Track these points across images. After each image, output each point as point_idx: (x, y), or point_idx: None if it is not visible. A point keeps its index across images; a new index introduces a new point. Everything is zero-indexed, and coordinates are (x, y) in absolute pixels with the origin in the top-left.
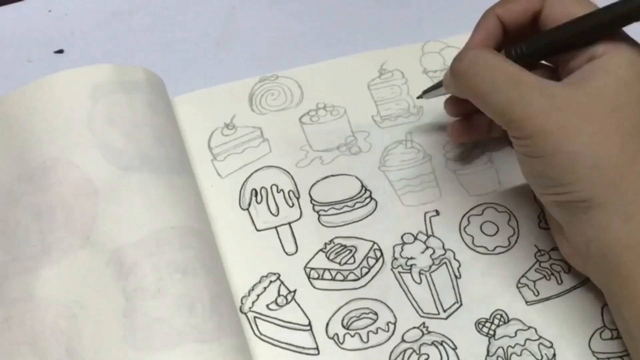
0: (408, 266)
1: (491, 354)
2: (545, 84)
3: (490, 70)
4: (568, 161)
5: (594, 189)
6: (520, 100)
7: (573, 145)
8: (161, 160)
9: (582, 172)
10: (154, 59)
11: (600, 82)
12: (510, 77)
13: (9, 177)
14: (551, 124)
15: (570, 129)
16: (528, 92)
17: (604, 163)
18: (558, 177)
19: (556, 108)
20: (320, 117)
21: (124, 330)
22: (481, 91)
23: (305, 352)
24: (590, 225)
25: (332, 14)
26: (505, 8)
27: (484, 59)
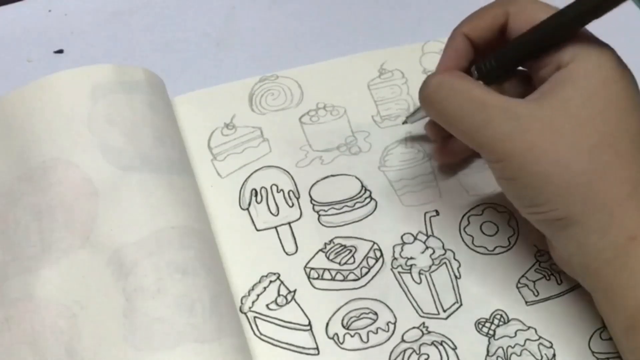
0: (408, 266)
1: (491, 354)
2: (511, 105)
3: (455, 95)
4: (538, 182)
5: (567, 207)
6: (486, 126)
7: (541, 166)
8: (161, 160)
9: (553, 192)
10: (154, 59)
11: (566, 94)
12: (476, 101)
13: (9, 177)
14: (518, 147)
15: (537, 150)
16: (493, 116)
17: (575, 180)
18: (532, 198)
19: (522, 129)
20: (320, 117)
21: (124, 330)
22: (448, 117)
23: (305, 352)
24: (569, 241)
25: (332, 14)
26: (471, 25)
27: (449, 85)
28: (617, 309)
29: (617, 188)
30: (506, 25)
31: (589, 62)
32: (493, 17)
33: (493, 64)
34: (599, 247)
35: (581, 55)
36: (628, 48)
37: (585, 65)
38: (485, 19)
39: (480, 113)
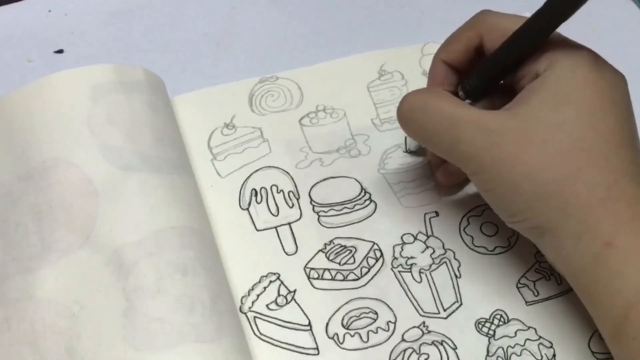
0: (408, 265)
1: (491, 354)
2: (482, 119)
3: (428, 114)
4: (511, 192)
5: (539, 216)
6: (459, 142)
7: (512, 177)
8: (161, 160)
9: (525, 201)
10: (154, 59)
11: (537, 102)
12: (447, 118)
13: (9, 177)
14: (490, 160)
15: (507, 163)
16: (465, 132)
17: (544, 190)
18: (507, 208)
19: (492, 143)
20: (319, 120)
21: (124, 330)
22: (423, 136)
23: (305, 352)
24: (547, 249)
25: (332, 14)
26: (447, 51)
27: (422, 103)
28: (600, 315)
29: (590, 194)
30: (481, 45)
31: (562, 68)
32: (467, 40)
33: (476, 82)
34: (575, 254)
35: (555, 62)
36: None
37: (559, 71)
38: (459, 43)
39: (452, 130)
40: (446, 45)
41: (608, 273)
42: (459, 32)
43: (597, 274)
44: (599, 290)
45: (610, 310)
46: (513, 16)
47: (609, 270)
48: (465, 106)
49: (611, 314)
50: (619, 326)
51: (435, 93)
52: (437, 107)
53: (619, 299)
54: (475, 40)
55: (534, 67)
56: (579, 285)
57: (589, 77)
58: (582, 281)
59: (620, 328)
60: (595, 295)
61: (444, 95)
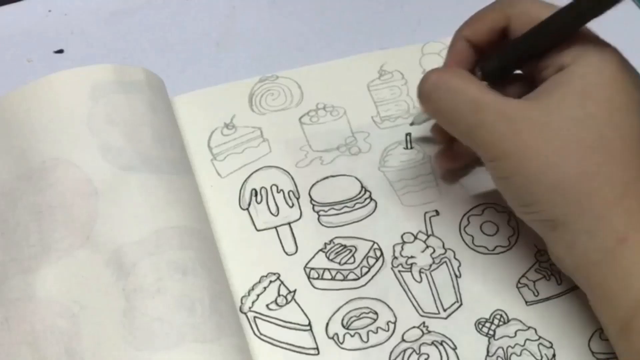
0: (408, 265)
1: (491, 354)
2: (505, 106)
3: (451, 95)
4: (529, 182)
5: (555, 209)
6: (480, 126)
7: (532, 166)
8: (161, 160)
9: (543, 192)
10: (154, 59)
11: (562, 95)
12: (470, 102)
13: (9, 177)
14: (511, 148)
15: (528, 151)
16: (488, 117)
17: (562, 183)
18: (523, 198)
19: (514, 131)
20: (320, 118)
21: (123, 330)
22: (444, 116)
23: (305, 352)
24: (558, 243)
25: (332, 14)
26: (472, 29)
27: (445, 84)
28: (609, 310)
29: (607, 190)
30: (507, 28)
31: (589, 64)
32: (492, 21)
33: (496, 64)
34: (588, 248)
35: (582, 56)
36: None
37: (585, 66)
38: (485, 23)
39: (474, 113)
40: (471, 22)
41: (620, 269)
42: (486, 12)
43: (609, 269)
44: (609, 286)
45: (620, 305)
46: (543, 3)
47: (622, 266)
48: (489, 91)
49: (621, 310)
50: (628, 322)
51: (459, 74)
52: (461, 89)
53: (629, 295)
54: (502, 22)
55: (559, 59)
56: (588, 281)
57: (615, 75)
58: (592, 276)
59: (629, 324)
60: (606, 291)
61: (468, 78)
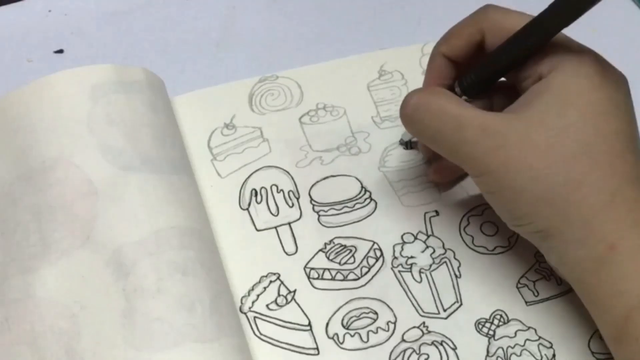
0: (408, 265)
1: (491, 354)
2: (487, 121)
3: (433, 115)
4: (516, 196)
5: (543, 220)
6: (463, 144)
7: (516, 180)
8: (161, 160)
9: (529, 205)
10: (154, 59)
11: (542, 106)
12: (452, 121)
13: (9, 177)
14: (495, 163)
15: (512, 165)
16: (470, 134)
17: (548, 194)
18: (511, 211)
19: (497, 146)
20: (320, 118)
21: (124, 330)
22: (428, 136)
23: (305, 352)
24: (551, 253)
25: (332, 14)
26: (448, 45)
27: (426, 105)
28: (603, 317)
29: (594, 198)
30: (483, 41)
31: (566, 71)
32: (468, 36)
33: (474, 79)
34: (579, 257)
35: (559, 64)
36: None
37: (562, 74)
38: (461, 38)
39: (457, 132)
40: (447, 38)
41: (611, 276)
42: (461, 27)
43: (600, 277)
44: (601, 293)
45: (612, 312)
46: (517, 14)
47: (612, 274)
48: (470, 107)
49: (614, 316)
50: (622, 328)
51: (439, 93)
52: (441, 108)
53: (621, 301)
54: (477, 36)
55: (537, 69)
56: (581, 288)
57: (593, 80)
58: (585, 284)
59: (623, 330)
60: (598, 298)
61: (448, 96)
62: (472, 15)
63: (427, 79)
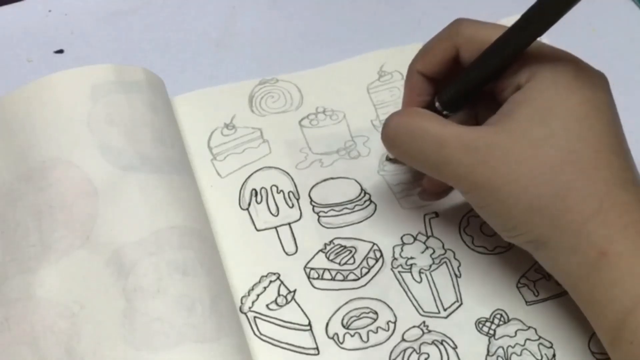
0: (408, 265)
1: (491, 354)
2: (469, 137)
3: (414, 136)
4: (504, 209)
5: (533, 231)
6: (448, 163)
7: (504, 193)
8: (161, 160)
9: (519, 217)
10: (154, 59)
11: (522, 116)
12: (433, 141)
13: (9, 177)
14: (480, 178)
15: (497, 179)
16: (452, 153)
17: (536, 205)
18: (501, 224)
19: (480, 162)
20: (319, 121)
21: (123, 330)
22: (411, 158)
23: (305, 352)
24: (545, 261)
25: (332, 15)
26: (423, 62)
27: (406, 126)
28: (598, 322)
29: (582, 205)
30: (458, 55)
31: (543, 79)
32: (442, 52)
33: (452, 94)
34: (571, 265)
35: (536, 73)
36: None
37: (540, 83)
38: (435, 55)
39: (439, 151)
40: (421, 55)
41: (604, 282)
42: (434, 43)
43: (593, 283)
44: (595, 299)
45: (607, 317)
46: (489, 25)
47: (605, 279)
48: (450, 125)
49: (608, 321)
50: (617, 332)
51: (418, 113)
52: (422, 129)
53: (615, 306)
54: (452, 51)
55: (515, 79)
56: (576, 294)
57: (571, 85)
58: (579, 291)
59: (618, 334)
60: (593, 304)
61: (428, 116)
62: (444, 30)
63: (406, 97)
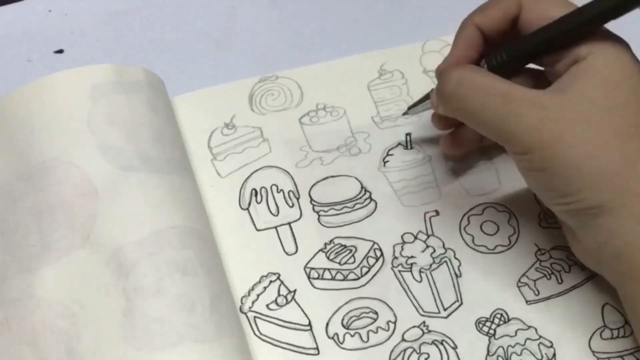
0: (408, 265)
1: (491, 354)
2: (536, 96)
3: (478, 90)
4: (571, 171)
5: (601, 195)
6: (512, 117)
7: (573, 154)
8: (161, 160)
9: (586, 180)
10: (154, 59)
11: (588, 85)
12: (500, 94)
13: (9, 177)
14: (548, 136)
15: (567, 139)
16: (519, 107)
17: (607, 169)
18: (563, 188)
19: (550, 119)
20: (320, 118)
21: (123, 330)
22: (472, 112)
23: (305, 352)
24: (601, 230)
25: (332, 14)
26: (483, 15)
27: (470, 79)
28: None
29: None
30: (518, 17)
31: (608, 56)
32: (506, 8)
33: (505, 58)
34: (633, 234)
35: (598, 49)
36: None
37: (604, 58)
38: (498, 9)
39: (505, 106)
40: (483, 9)
41: None
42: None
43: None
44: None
45: None
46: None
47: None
48: (515, 84)
49: None
50: None
51: (480, 70)
52: (487, 83)
53: None
54: (514, 10)
55: (573, 52)
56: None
57: (632, 67)
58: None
59: None
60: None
61: (487, 73)
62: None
63: (455, 48)
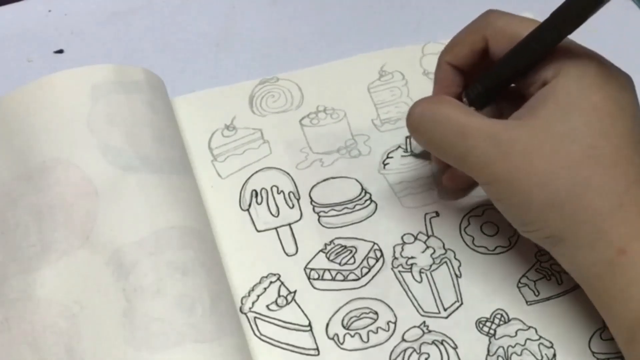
0: (408, 265)
1: (491, 354)
2: (493, 129)
3: (439, 124)
4: (522, 203)
5: (551, 226)
6: (469, 153)
7: (523, 188)
8: (161, 161)
9: (537, 212)
10: (154, 59)
11: (546, 111)
12: (458, 129)
13: (8, 177)
14: (501, 171)
15: (518, 173)
16: (476, 142)
17: (555, 200)
18: (519, 218)
19: (503, 153)
20: (320, 120)
21: (123, 330)
22: (435, 146)
23: (305, 352)
24: (561, 257)
25: (332, 15)
26: (452, 53)
27: (432, 114)
28: (615, 321)
29: (602, 202)
30: (487, 48)
31: (570, 75)
32: (472, 44)
33: (480, 89)
34: (589, 262)
35: (562, 69)
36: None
37: (565, 79)
38: (464, 46)
39: (462, 140)
40: (451, 47)
41: (622, 280)
42: (464, 35)
43: (611, 281)
44: (613, 297)
45: (624, 316)
46: (519, 18)
47: (623, 278)
48: (476, 115)
49: (625, 321)
50: (634, 332)
51: (445, 102)
52: (447, 117)
53: (633, 306)
54: (481, 43)
55: (541, 75)
56: (593, 292)
57: (596, 83)
58: (595, 289)
59: (635, 334)
60: (610, 302)
61: (454, 104)
62: (474, 22)
63: (436, 88)
